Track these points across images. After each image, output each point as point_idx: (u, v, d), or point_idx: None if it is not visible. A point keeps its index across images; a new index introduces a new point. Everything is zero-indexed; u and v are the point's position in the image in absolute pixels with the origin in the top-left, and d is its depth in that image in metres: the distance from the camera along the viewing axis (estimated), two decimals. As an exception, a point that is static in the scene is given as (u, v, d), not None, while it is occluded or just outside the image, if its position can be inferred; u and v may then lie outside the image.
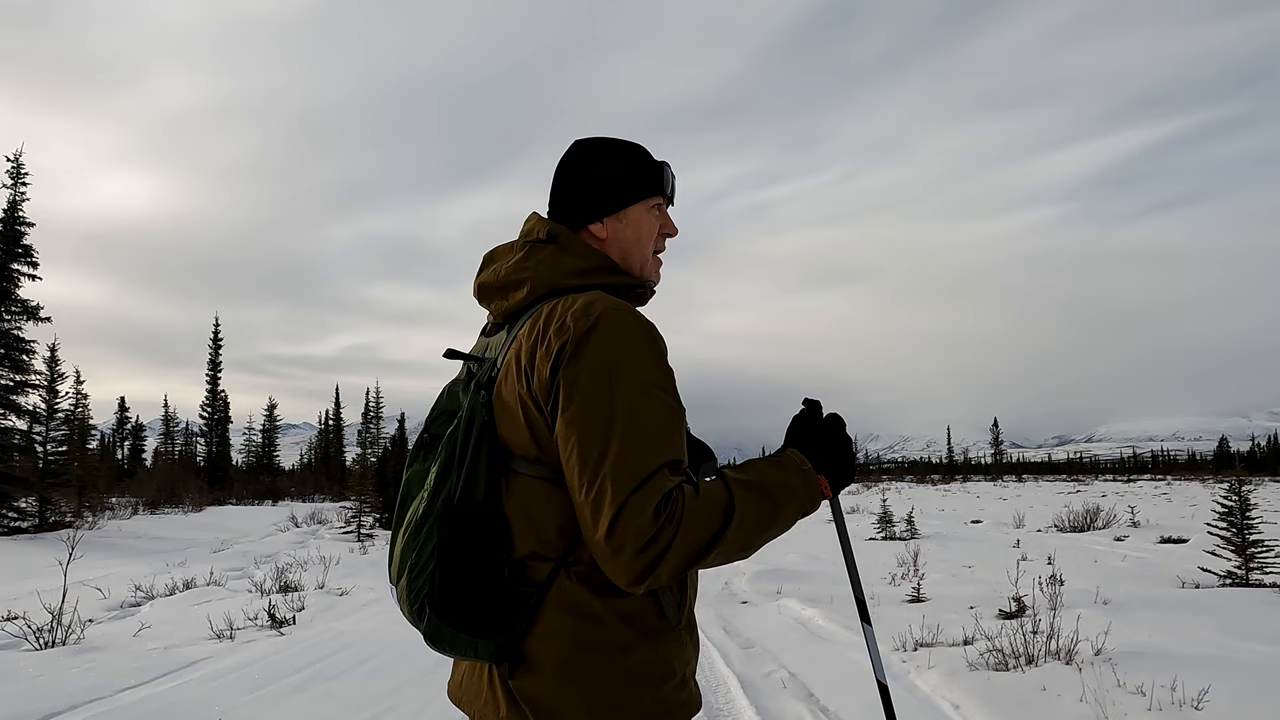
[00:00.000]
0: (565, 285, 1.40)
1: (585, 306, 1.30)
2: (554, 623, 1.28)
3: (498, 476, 1.34)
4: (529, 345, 1.33)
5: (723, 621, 7.57)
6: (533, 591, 1.29)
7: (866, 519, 20.11)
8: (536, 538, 1.31)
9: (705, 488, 1.27)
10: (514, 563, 1.31)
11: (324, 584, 10.58)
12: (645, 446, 1.23)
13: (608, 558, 1.20)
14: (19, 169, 20.89)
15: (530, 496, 1.32)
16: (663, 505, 1.19)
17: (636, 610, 1.30)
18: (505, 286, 1.46)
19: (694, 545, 1.21)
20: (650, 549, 1.18)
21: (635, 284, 1.49)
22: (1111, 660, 5.05)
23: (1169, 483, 60.65)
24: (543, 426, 1.30)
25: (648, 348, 1.30)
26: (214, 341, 47.30)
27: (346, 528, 21.12)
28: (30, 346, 20.83)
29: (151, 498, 29.74)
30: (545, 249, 1.45)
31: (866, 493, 45.81)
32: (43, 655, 6.30)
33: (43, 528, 19.55)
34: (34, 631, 6.71)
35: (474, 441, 1.33)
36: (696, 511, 1.22)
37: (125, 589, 10.11)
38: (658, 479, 1.21)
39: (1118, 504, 22.72)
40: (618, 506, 1.18)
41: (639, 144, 1.56)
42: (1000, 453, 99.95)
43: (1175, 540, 13.68)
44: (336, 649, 6.47)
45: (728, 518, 1.24)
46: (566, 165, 1.54)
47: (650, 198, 1.52)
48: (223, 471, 45.50)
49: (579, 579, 1.29)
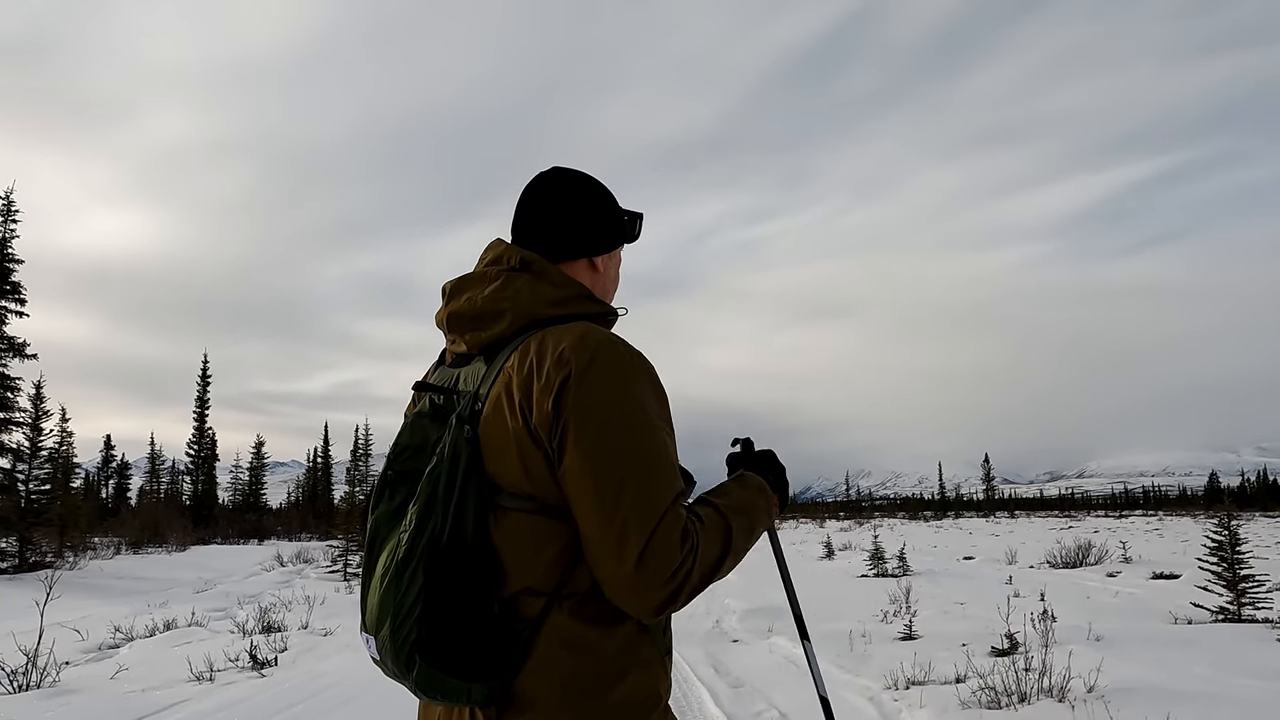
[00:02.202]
0: (544, 315, 1.37)
1: (581, 339, 1.29)
2: (548, 658, 1.25)
3: (486, 513, 1.29)
4: (521, 379, 1.29)
5: (712, 660, 7.46)
6: (525, 627, 1.26)
7: (858, 555, 19.98)
8: (528, 573, 1.27)
9: (706, 517, 1.33)
10: (504, 600, 1.27)
11: (308, 624, 10.40)
12: (662, 479, 1.26)
13: (634, 589, 1.21)
14: (9, 205, 20.92)
15: (520, 531, 1.28)
16: (685, 536, 1.24)
17: (629, 641, 1.30)
18: (481, 317, 1.40)
19: (704, 571, 1.27)
20: (675, 578, 1.22)
21: (609, 311, 1.50)
22: (1104, 697, 4.99)
23: (1160, 518, 60.60)
24: (539, 461, 1.27)
25: (648, 380, 1.32)
26: (202, 378, 47.05)
27: (333, 567, 20.83)
28: (15, 384, 20.72)
29: (135, 537, 29.34)
30: (521, 277, 1.41)
31: (859, 529, 45.57)
32: (17, 699, 6.15)
33: (22, 568, 19.22)
34: (8, 675, 6.56)
35: (461, 478, 1.27)
36: (706, 539, 1.28)
37: (104, 630, 9.91)
38: (676, 509, 1.25)
39: (1110, 540, 22.65)
40: (645, 538, 1.20)
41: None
42: (992, 488, 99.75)
43: (1167, 576, 13.62)
44: (318, 690, 6.33)
45: (728, 543, 1.32)
46: (555, 195, 1.51)
47: (628, 243, 1.62)
48: (208, 510, 44.94)
49: (572, 612, 1.27)
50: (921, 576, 14.85)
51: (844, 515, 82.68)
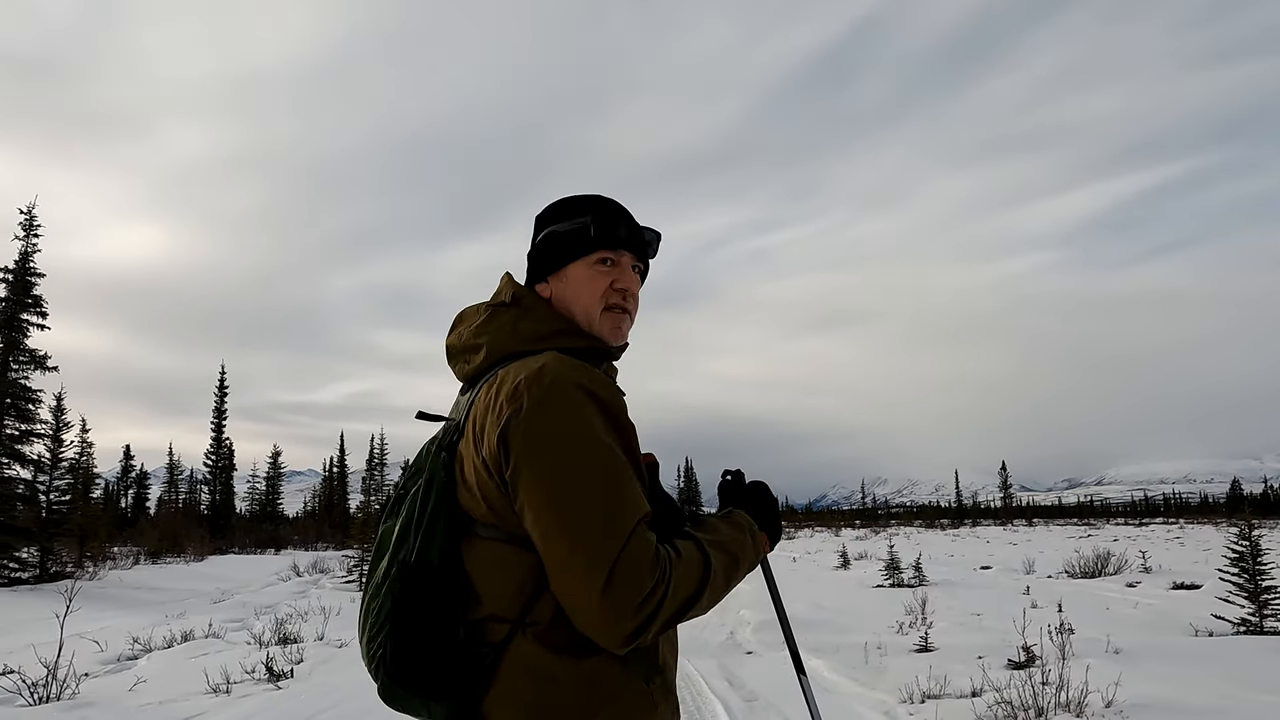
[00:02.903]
0: (521, 350, 1.41)
1: (537, 372, 1.30)
2: (511, 685, 1.27)
3: (456, 539, 1.34)
4: (482, 410, 1.34)
5: (726, 672, 7.43)
6: (489, 652, 1.29)
7: (874, 565, 19.86)
8: (495, 600, 1.31)
9: (684, 549, 1.29)
10: (470, 624, 1.31)
11: (324, 635, 10.44)
12: (622, 505, 1.23)
13: (601, 619, 1.19)
14: (31, 221, 21.22)
15: (488, 559, 1.32)
16: (654, 562, 1.21)
17: (598, 673, 1.28)
18: (466, 350, 1.48)
19: (678, 604, 1.23)
20: (645, 607, 1.19)
21: (596, 346, 1.48)
22: (1123, 713, 4.95)
23: (1181, 526, 59.82)
24: (494, 491, 1.30)
25: (602, 409, 1.30)
26: (219, 389, 47.44)
27: (349, 577, 20.89)
28: (37, 396, 20.93)
29: (153, 547, 29.55)
30: (507, 313, 1.47)
31: (874, 538, 45.26)
32: (36, 711, 6.21)
33: (43, 578, 19.40)
34: (28, 686, 6.62)
35: (432, 504, 1.34)
36: (682, 571, 1.25)
37: (123, 641, 9.99)
38: (640, 534, 1.22)
39: (1129, 549, 22.38)
40: (610, 565, 1.18)
41: (601, 197, 1.55)
42: (1009, 496, 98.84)
43: (1188, 586, 13.45)
44: (333, 703, 6.36)
45: (705, 578, 1.28)
46: (534, 226, 1.58)
47: (592, 254, 1.50)
48: (225, 520, 45.24)
49: (536, 639, 1.28)
50: (938, 586, 14.74)
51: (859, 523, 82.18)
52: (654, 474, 1.43)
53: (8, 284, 20.64)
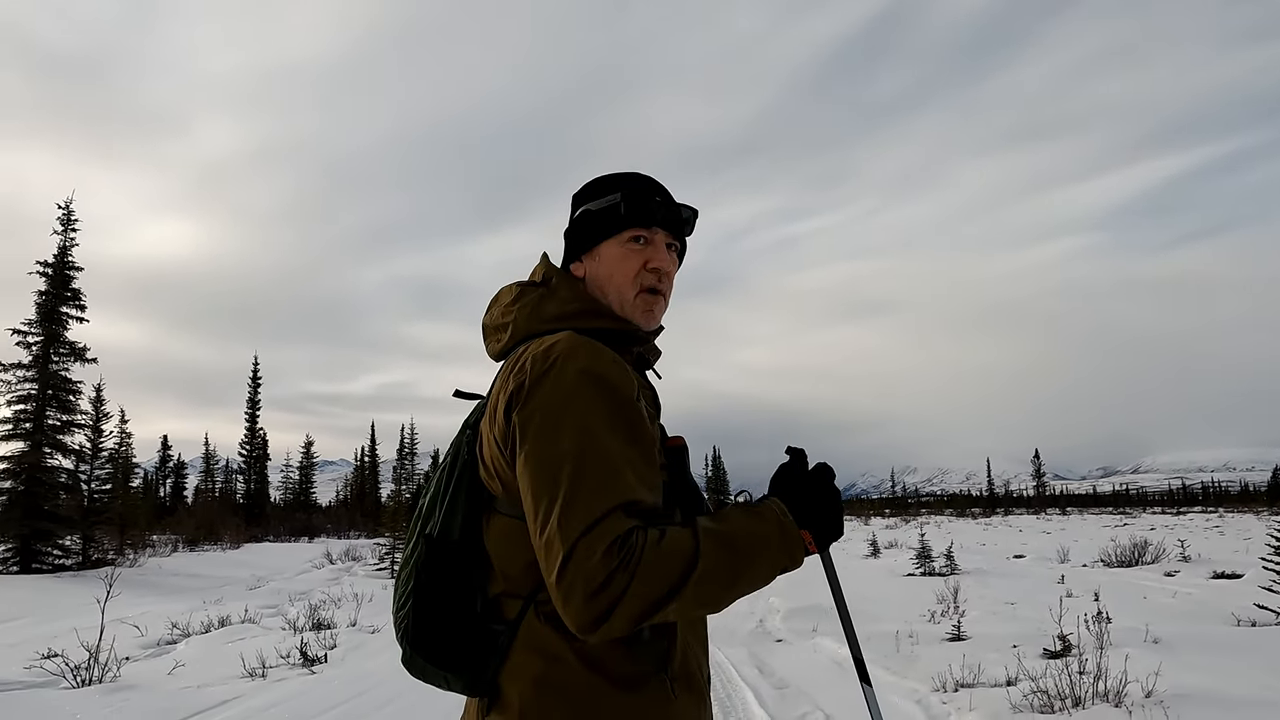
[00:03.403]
0: (543, 330, 1.40)
1: (547, 349, 1.29)
2: (522, 662, 1.28)
3: (477, 514, 1.35)
4: (498, 388, 1.36)
5: (756, 660, 7.41)
6: (504, 630, 1.30)
7: (904, 553, 19.70)
8: (508, 576, 1.32)
9: (670, 535, 1.19)
10: (488, 600, 1.33)
11: (356, 621, 10.59)
12: (597, 487, 1.18)
13: (560, 602, 1.17)
14: (69, 216, 21.64)
15: (504, 535, 1.33)
16: (615, 549, 1.14)
17: (605, 656, 1.26)
18: (497, 328, 1.49)
19: (651, 595, 1.14)
20: (601, 595, 1.12)
21: (621, 328, 1.44)
22: (1163, 703, 4.84)
23: (1221, 515, 58.64)
24: (504, 467, 1.31)
25: (601, 386, 1.25)
26: (253, 381, 48.18)
27: (380, 564, 21.17)
28: (77, 387, 21.39)
29: (191, 535, 30.17)
30: (534, 292, 1.46)
31: (905, 526, 44.91)
32: (79, 693, 6.36)
33: (86, 565, 19.89)
34: (72, 669, 6.78)
35: (454, 480, 1.37)
36: (656, 560, 1.15)
37: (162, 627, 10.21)
38: (609, 521, 1.16)
39: (1167, 537, 21.97)
40: (567, 549, 1.15)
41: (636, 174, 1.51)
42: (1042, 485, 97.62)
43: (1229, 576, 13.16)
44: (366, 688, 6.44)
45: (688, 570, 1.16)
46: (571, 206, 1.57)
47: (624, 232, 1.45)
48: (260, 508, 46.05)
49: (546, 619, 1.28)
50: (970, 575, 14.58)
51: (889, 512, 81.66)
52: (682, 457, 1.38)
53: (47, 278, 21.07)
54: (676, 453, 1.37)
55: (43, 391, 20.65)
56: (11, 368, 20.48)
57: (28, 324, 20.79)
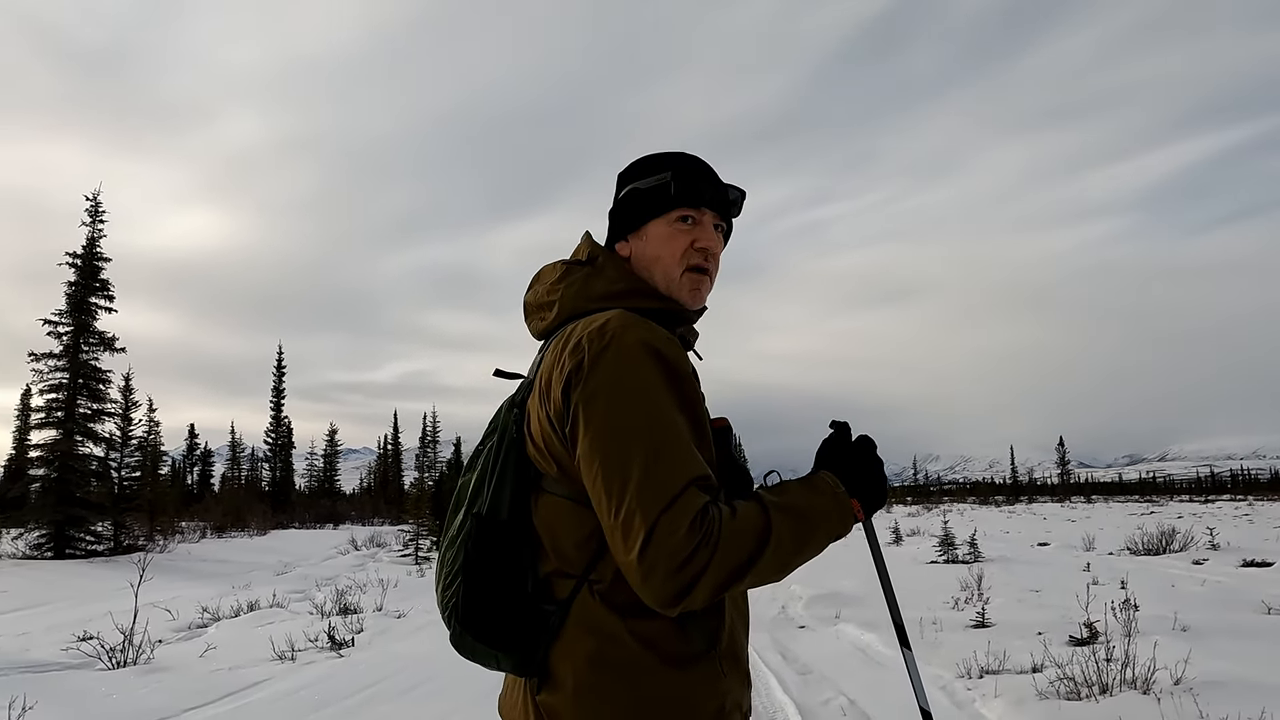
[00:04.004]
0: (590, 308, 1.40)
1: (600, 327, 1.29)
2: (574, 641, 1.28)
3: (526, 493, 1.35)
4: (548, 366, 1.34)
5: (779, 646, 7.42)
6: (555, 609, 1.30)
7: (927, 541, 19.60)
8: (559, 555, 1.31)
9: (742, 509, 1.24)
10: (539, 579, 1.32)
11: (382, 606, 10.72)
12: (671, 464, 1.20)
13: (640, 580, 1.17)
14: (97, 207, 21.94)
15: (554, 514, 1.32)
16: (697, 523, 1.17)
17: (658, 634, 1.27)
18: (541, 307, 1.49)
19: (730, 567, 1.18)
20: (685, 570, 1.15)
21: (669, 308, 1.45)
22: (1192, 690, 4.79)
23: (1250, 503, 57.75)
24: (559, 447, 1.30)
25: (663, 365, 1.27)
26: (277, 370, 48.73)
27: (404, 550, 21.41)
28: (107, 376, 21.75)
29: (219, 522, 30.66)
30: (580, 271, 1.46)
31: (928, 515, 44.68)
32: (114, 675, 6.50)
33: (117, 551, 20.29)
34: (107, 652, 6.93)
35: (502, 458, 1.36)
36: (734, 533, 1.19)
37: (193, 611, 10.40)
38: (688, 496, 1.19)
39: (1195, 525, 21.68)
40: (649, 527, 1.16)
41: (683, 154, 1.50)
42: (1067, 473, 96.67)
43: (1259, 564, 12.98)
44: (393, 671, 6.53)
45: (764, 541, 1.22)
46: (617, 185, 1.55)
47: (672, 211, 1.45)
48: (286, 496, 46.68)
49: (600, 597, 1.28)
50: (993, 563, 14.49)
51: (911, 500, 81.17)
52: (725, 437, 1.38)
53: (76, 269, 21.41)
54: (722, 433, 1.38)
55: (73, 381, 21.02)
56: (43, 357, 20.87)
57: (58, 314, 21.16)
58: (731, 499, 1.29)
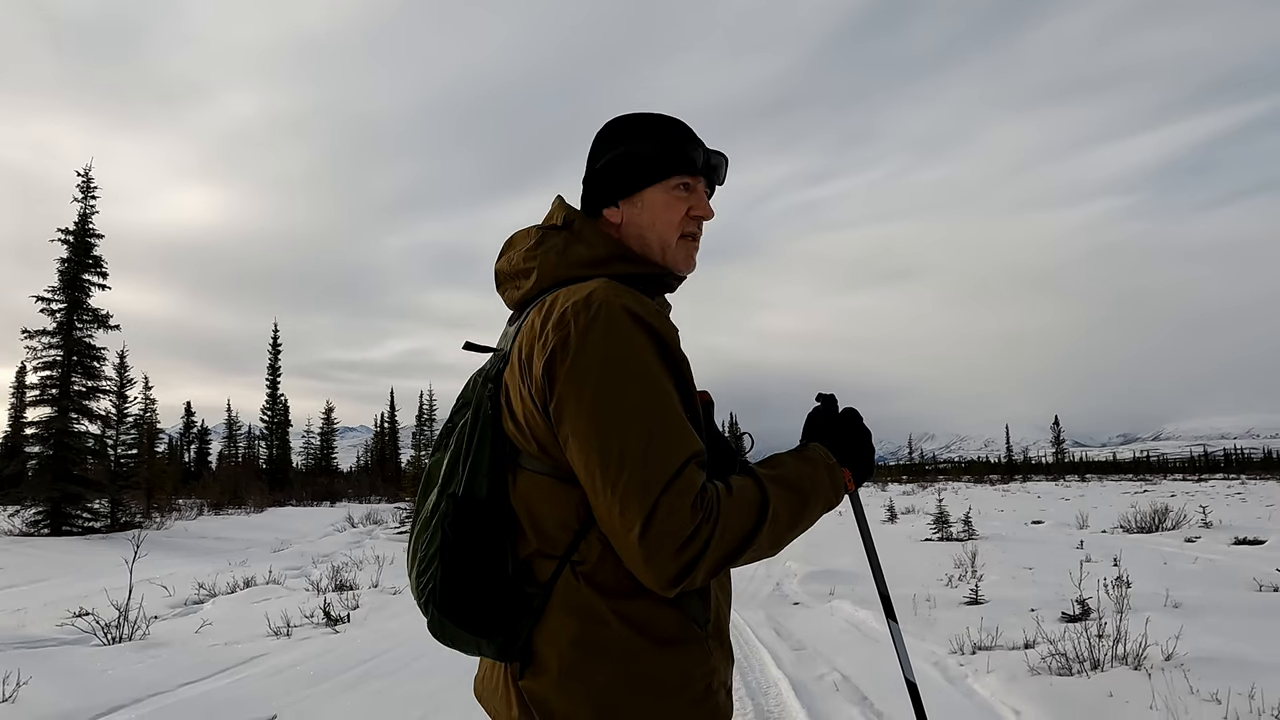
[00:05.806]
0: (572, 276, 1.33)
1: (586, 298, 1.23)
2: (559, 624, 1.23)
3: (503, 472, 1.29)
4: (528, 339, 1.27)
5: (774, 623, 7.46)
6: (537, 592, 1.24)
7: (921, 519, 19.71)
8: (540, 535, 1.26)
9: (738, 485, 1.21)
10: (519, 561, 1.27)
11: (378, 583, 10.77)
12: (668, 440, 1.16)
13: (642, 560, 1.14)
14: (89, 183, 21.75)
15: (533, 493, 1.27)
16: (698, 502, 1.14)
17: (646, 615, 1.22)
18: (516, 275, 1.41)
19: (730, 544, 1.16)
20: (688, 549, 1.12)
21: (656, 273, 1.40)
22: (1184, 666, 4.82)
23: (1243, 482, 58.18)
24: (540, 423, 1.24)
25: (654, 340, 1.22)
26: (273, 347, 48.65)
27: (401, 528, 21.50)
28: (101, 354, 21.69)
29: (215, 499, 30.75)
30: (557, 236, 1.38)
31: (922, 493, 44.92)
32: (110, 650, 6.51)
33: (114, 528, 20.34)
34: (102, 628, 6.95)
35: (478, 436, 1.29)
36: (732, 509, 1.17)
37: (189, 587, 10.42)
38: (687, 474, 1.15)
39: (1188, 504, 21.82)
40: (650, 506, 1.12)
41: (671, 118, 1.44)
42: (1062, 452, 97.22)
43: (1251, 542, 13.06)
44: (388, 648, 6.55)
45: (762, 515, 1.20)
46: (593, 146, 1.47)
47: (672, 177, 1.41)
48: (283, 474, 46.78)
49: (583, 579, 1.23)
50: (987, 541, 14.57)
51: (906, 479, 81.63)
52: (709, 412, 1.35)
53: (69, 245, 21.26)
54: (707, 407, 1.34)
55: (68, 358, 20.95)
56: (37, 334, 20.79)
57: (51, 291, 21.05)
58: (740, 470, 1.26)
